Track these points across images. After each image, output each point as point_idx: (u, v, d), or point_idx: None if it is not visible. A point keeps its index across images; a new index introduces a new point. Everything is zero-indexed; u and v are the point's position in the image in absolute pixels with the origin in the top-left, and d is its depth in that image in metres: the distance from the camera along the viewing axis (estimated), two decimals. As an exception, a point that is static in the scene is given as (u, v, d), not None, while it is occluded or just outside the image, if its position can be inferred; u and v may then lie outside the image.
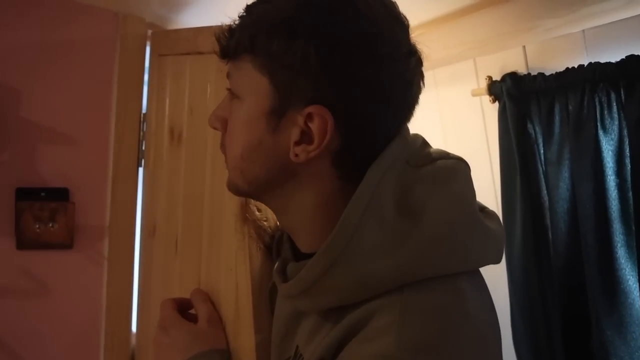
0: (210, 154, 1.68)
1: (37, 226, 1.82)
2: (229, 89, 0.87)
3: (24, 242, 1.83)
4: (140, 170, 2.04)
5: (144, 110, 2.06)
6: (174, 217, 1.82)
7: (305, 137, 0.77)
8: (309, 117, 0.76)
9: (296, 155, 0.78)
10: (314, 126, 0.75)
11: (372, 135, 0.78)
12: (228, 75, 0.86)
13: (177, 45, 1.90)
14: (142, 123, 2.03)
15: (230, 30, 0.83)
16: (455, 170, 0.81)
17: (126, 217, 1.99)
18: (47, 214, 1.84)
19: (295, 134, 0.77)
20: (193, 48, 1.79)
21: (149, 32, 2.08)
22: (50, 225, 1.84)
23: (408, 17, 0.81)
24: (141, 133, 2.03)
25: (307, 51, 0.73)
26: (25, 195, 1.86)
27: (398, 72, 0.76)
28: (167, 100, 1.90)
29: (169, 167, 1.87)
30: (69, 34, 1.93)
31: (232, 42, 0.82)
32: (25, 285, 1.85)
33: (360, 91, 0.75)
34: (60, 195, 1.90)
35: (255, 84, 0.79)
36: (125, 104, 1.99)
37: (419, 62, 0.83)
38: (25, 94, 1.87)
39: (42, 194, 1.88)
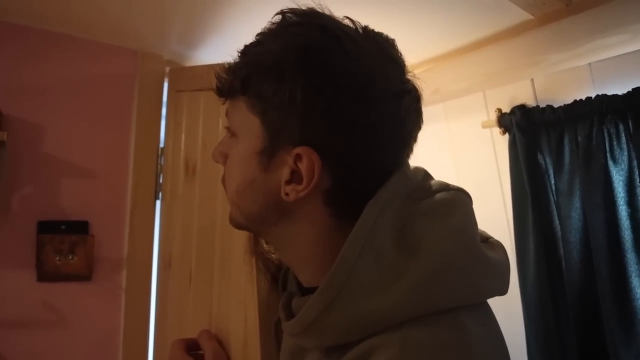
0: (221, 187, 1.72)
1: (58, 258, 1.86)
2: (227, 127, 0.90)
3: (45, 274, 1.87)
4: (158, 203, 2.08)
5: (161, 145, 2.10)
6: (189, 249, 1.85)
7: (296, 176, 0.78)
8: (298, 157, 0.77)
9: (287, 194, 0.79)
10: (303, 167, 0.76)
11: (364, 174, 0.78)
12: (226, 114, 0.88)
13: (192, 81, 1.96)
14: (160, 157, 2.08)
15: (227, 71, 0.85)
16: (454, 202, 0.81)
17: (143, 249, 2.03)
18: (67, 246, 1.89)
19: (285, 173, 0.78)
20: (206, 84, 1.85)
21: (167, 69, 2.14)
22: (70, 257, 1.88)
23: (419, 52, 0.82)
24: (158, 167, 2.07)
25: (294, 93, 0.74)
26: (46, 228, 1.91)
27: (389, 112, 0.76)
28: (183, 135, 1.95)
29: (184, 200, 1.92)
30: (91, 71, 2.01)
31: (228, 82, 0.84)
32: (45, 316, 1.89)
33: (347, 132, 0.75)
34: (80, 228, 1.95)
35: (248, 124, 0.80)
36: (143, 139, 2.05)
37: (414, 100, 0.82)
38: (48, 130, 1.93)
39: (63, 227, 1.93)
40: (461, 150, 1.95)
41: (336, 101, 0.75)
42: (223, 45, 2.05)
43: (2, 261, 1.84)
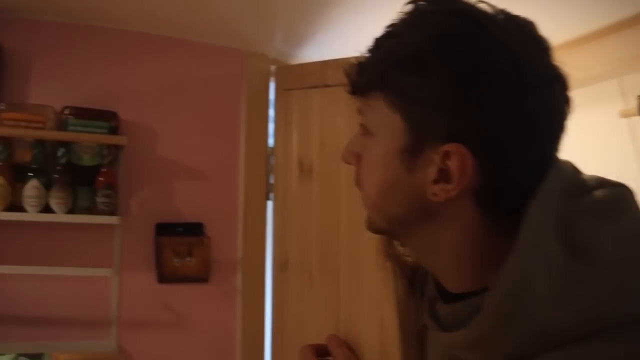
0: (345, 187, 1.68)
1: (176, 260, 1.88)
2: (361, 125, 0.85)
3: (165, 276, 1.89)
4: (269, 203, 2.06)
5: (270, 145, 2.09)
6: (308, 250, 1.82)
7: (444, 175, 0.72)
8: (446, 155, 0.70)
9: (434, 194, 0.73)
10: (452, 165, 0.69)
11: (519, 170, 0.71)
12: (359, 111, 0.84)
13: (302, 79, 1.92)
14: (269, 157, 2.06)
15: (359, 66, 0.80)
16: (619, 200, 0.73)
17: (257, 250, 2.01)
18: (185, 248, 1.90)
19: (432, 172, 0.72)
20: (320, 81, 1.80)
21: (272, 67, 2.12)
22: (188, 259, 1.89)
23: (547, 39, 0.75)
24: (269, 167, 2.05)
25: (441, 86, 0.68)
26: (164, 230, 1.92)
27: (542, 100, 0.69)
28: (295, 134, 1.92)
29: (299, 200, 1.88)
30: (198, 73, 2.01)
31: (362, 78, 0.77)
32: (166, 317, 1.91)
33: (501, 126, 0.68)
34: (196, 229, 1.96)
35: (388, 122, 0.75)
36: (252, 139, 2.04)
37: (565, 87, 0.75)
38: (162, 133, 1.95)
39: (179, 229, 1.95)
40: (593, 142, 1.83)
41: (486, 91, 0.68)
42: (331, 42, 2.00)
43: (125, 263, 1.86)
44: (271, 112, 2.12)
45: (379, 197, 0.80)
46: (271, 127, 2.10)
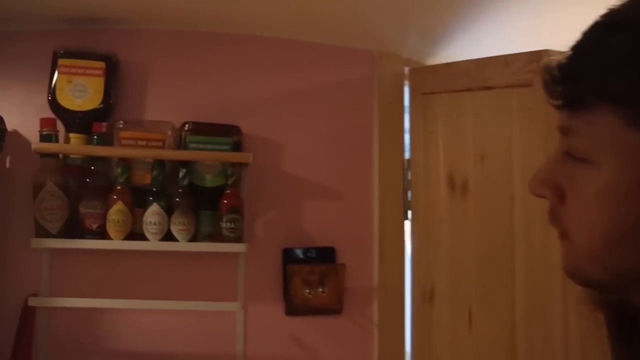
0: (518, 211, 1.38)
1: (307, 291, 1.65)
2: (565, 150, 0.61)
3: (294, 308, 1.68)
4: (407, 223, 1.80)
5: (406, 156, 1.82)
6: (462, 281, 1.54)
7: None
8: None
9: None
10: None
11: None
12: (565, 130, 0.61)
13: (450, 81, 1.65)
14: (406, 170, 1.80)
15: (567, 70, 0.58)
16: None
17: (395, 278, 1.76)
18: (316, 277, 1.68)
19: None
20: (477, 83, 1.52)
21: (406, 69, 1.85)
22: (320, 289, 1.66)
23: None
24: (406, 182, 1.79)
25: None
26: (292, 256, 1.71)
27: None
28: (441, 145, 1.64)
29: (449, 221, 1.61)
30: (325, 79, 1.80)
31: (575, 87, 0.58)
32: (295, 353, 1.72)
33: None
34: (327, 255, 1.74)
35: (622, 145, 0.57)
36: (386, 150, 1.80)
37: None
38: (287, 147, 1.75)
39: (309, 254, 1.72)
40: None
41: None
42: (478, 38, 1.71)
43: (250, 294, 1.68)
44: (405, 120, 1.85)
45: (608, 246, 0.61)
46: (407, 137, 1.83)
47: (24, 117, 1.65)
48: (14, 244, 1.60)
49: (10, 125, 1.63)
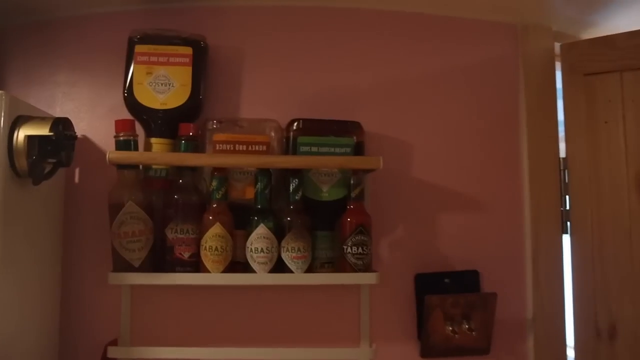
0: None
1: (450, 328, 1.28)
2: None
3: (431, 348, 1.34)
4: (566, 238, 1.41)
5: (561, 154, 1.43)
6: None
7: None
8: None
9: None
10: None
11: None
12: None
13: (626, 57, 1.24)
14: (562, 172, 1.40)
15: None
16: None
17: (554, 308, 1.38)
18: (460, 310, 1.30)
19: None
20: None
21: (557, 45, 1.45)
22: (466, 325, 1.29)
23: None
24: (562, 186, 1.39)
25: None
26: (427, 283, 1.35)
27: None
28: (622, 137, 1.24)
29: (637, 236, 1.21)
30: (458, 60, 1.47)
31: None
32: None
33: None
34: (469, 280, 1.39)
35: None
36: (537, 148, 1.42)
37: None
38: (416, 147, 1.41)
39: (446, 280, 1.35)
40: None
41: None
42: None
43: (377, 331, 1.38)
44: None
45: None
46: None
47: (95, 119, 1.34)
48: (88, 279, 1.30)
49: (78, 130, 1.31)
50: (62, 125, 1.03)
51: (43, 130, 1.00)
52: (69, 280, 1.30)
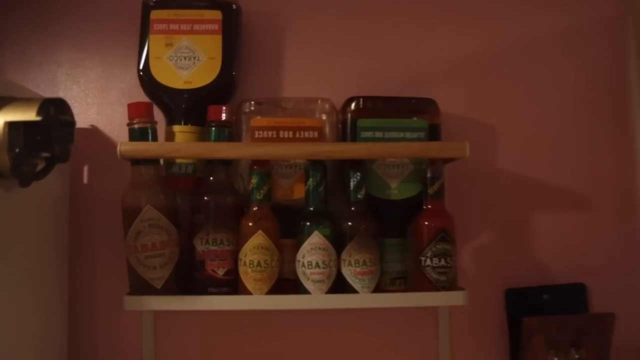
0: None
1: (555, 358, 1.00)
2: None
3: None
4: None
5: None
6: None
7: None
8: None
9: None
10: None
11: None
12: None
13: None
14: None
15: None
16: None
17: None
18: (566, 335, 1.00)
19: None
20: None
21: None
22: (575, 355, 1.01)
23: None
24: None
25: None
26: (522, 301, 1.05)
27: None
28: None
29: None
30: (552, 24, 1.17)
31: None
32: None
33: None
34: (573, 296, 1.11)
35: None
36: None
37: None
38: (503, 131, 1.13)
39: (545, 296, 1.07)
40: None
41: None
42: None
43: (459, 358, 1.02)
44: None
45: None
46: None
47: (106, 105, 1.09)
48: (101, 302, 1.05)
49: (87, 119, 1.05)
50: (54, 108, 0.76)
51: (29, 115, 0.73)
52: (77, 305, 1.05)
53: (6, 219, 0.81)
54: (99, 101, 1.11)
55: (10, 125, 0.74)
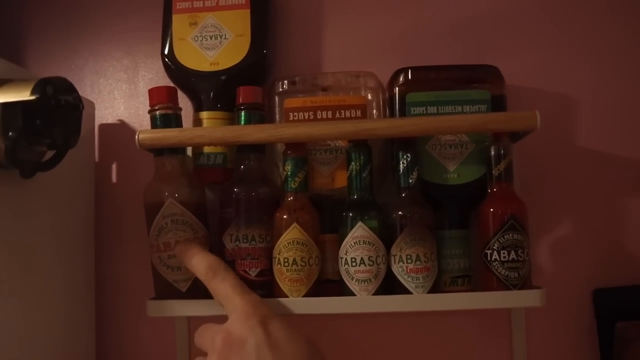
0: None
1: None
2: None
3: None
4: None
5: None
6: None
7: None
8: None
9: None
10: None
11: None
12: None
13: None
14: None
15: None
16: None
17: None
18: None
19: None
20: None
21: None
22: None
23: None
24: None
25: None
26: (613, 303, 0.87)
27: None
28: None
29: None
30: None
31: None
32: None
33: None
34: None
35: None
36: None
37: None
38: (581, 103, 0.96)
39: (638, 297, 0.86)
40: None
41: None
42: None
43: None
44: None
45: None
46: None
47: (132, 99, 1.02)
48: (131, 306, 0.96)
49: (114, 115, 0.97)
50: (52, 87, 0.66)
51: (23, 95, 0.64)
52: (104, 309, 0.96)
53: (16, 214, 0.72)
54: (127, 94, 1.04)
55: (4, 106, 0.64)
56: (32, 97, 0.66)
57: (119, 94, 1.04)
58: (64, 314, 0.87)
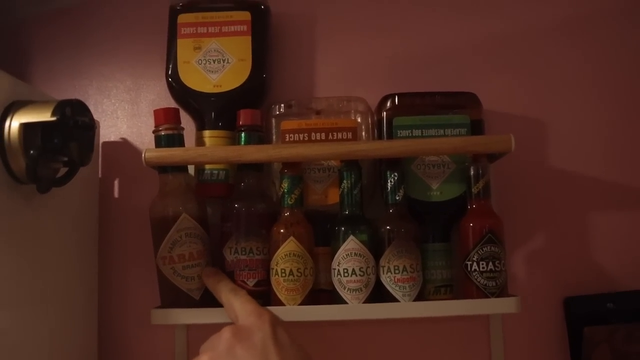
0: None
1: None
2: None
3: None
4: None
5: None
6: None
7: None
8: None
9: None
10: None
11: None
12: None
13: None
14: None
15: None
16: None
17: None
18: (635, 347, 0.90)
19: None
20: None
21: None
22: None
23: None
24: None
25: None
26: (582, 311, 0.96)
27: None
28: None
29: None
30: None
31: None
32: None
33: None
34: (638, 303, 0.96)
35: None
36: None
37: None
38: (552, 125, 1.06)
39: (609, 304, 0.98)
40: None
41: None
42: None
43: None
44: None
45: None
46: None
47: (135, 118, 1.07)
48: (131, 316, 1.01)
49: (117, 133, 1.03)
50: (70, 109, 0.73)
51: (44, 116, 0.70)
52: (106, 320, 1.02)
53: (26, 226, 0.78)
54: (129, 114, 1.09)
55: (26, 126, 0.71)
56: (53, 118, 0.72)
57: (122, 114, 1.09)
58: (68, 322, 0.91)
